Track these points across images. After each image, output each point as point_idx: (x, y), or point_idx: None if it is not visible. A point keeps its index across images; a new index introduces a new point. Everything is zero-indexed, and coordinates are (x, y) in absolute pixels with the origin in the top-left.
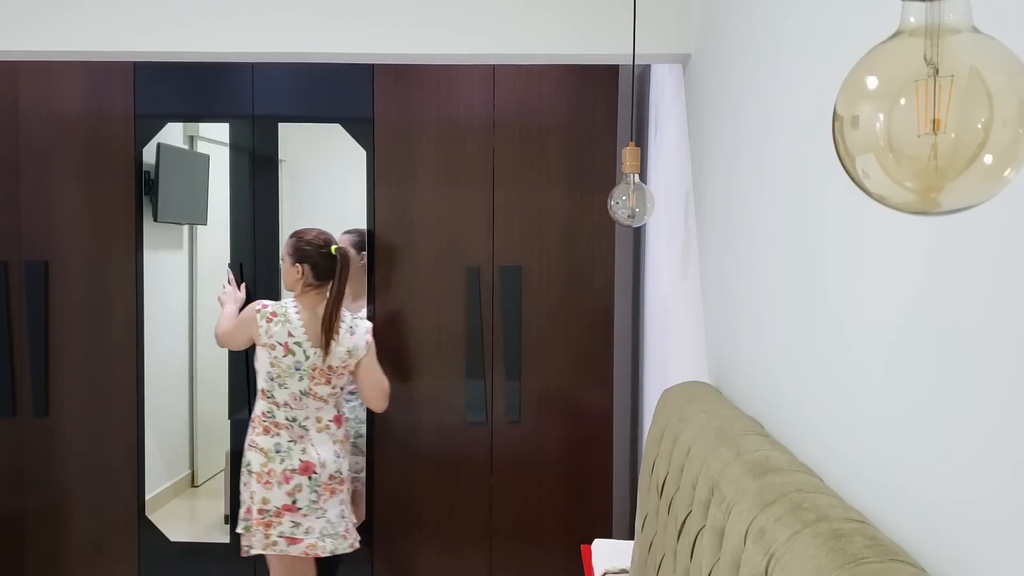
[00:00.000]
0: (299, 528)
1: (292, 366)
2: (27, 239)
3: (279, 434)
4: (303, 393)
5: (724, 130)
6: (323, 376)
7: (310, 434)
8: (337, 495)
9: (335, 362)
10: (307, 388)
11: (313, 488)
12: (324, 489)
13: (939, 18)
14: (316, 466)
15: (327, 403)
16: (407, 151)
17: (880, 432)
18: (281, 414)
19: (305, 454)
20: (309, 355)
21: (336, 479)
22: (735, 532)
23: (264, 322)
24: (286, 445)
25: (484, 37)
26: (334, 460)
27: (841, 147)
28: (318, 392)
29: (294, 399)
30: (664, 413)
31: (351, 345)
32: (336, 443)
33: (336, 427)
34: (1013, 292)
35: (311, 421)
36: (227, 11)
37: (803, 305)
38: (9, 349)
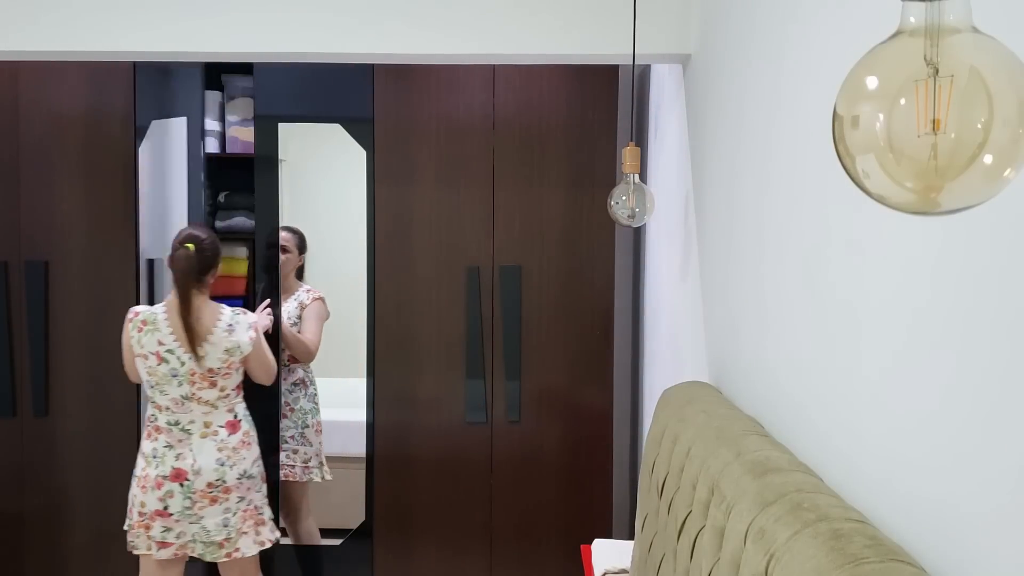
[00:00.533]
0: (170, 533)
1: (168, 373)
2: (27, 239)
3: (158, 439)
4: (185, 397)
5: (724, 130)
6: (205, 380)
7: (191, 439)
8: (220, 504)
9: (213, 364)
10: (189, 393)
11: (186, 495)
12: (200, 497)
13: (939, 18)
14: (189, 473)
15: (216, 407)
16: (407, 151)
17: (880, 432)
18: (163, 418)
19: (179, 460)
20: (184, 361)
21: (217, 487)
22: (735, 532)
23: (136, 332)
24: (162, 450)
25: (484, 37)
26: (215, 468)
27: (841, 147)
28: (203, 396)
29: (176, 404)
30: (664, 413)
31: (230, 344)
32: (223, 450)
33: (228, 433)
34: (1013, 293)
35: (196, 426)
36: (227, 11)
37: (803, 305)
38: (9, 349)
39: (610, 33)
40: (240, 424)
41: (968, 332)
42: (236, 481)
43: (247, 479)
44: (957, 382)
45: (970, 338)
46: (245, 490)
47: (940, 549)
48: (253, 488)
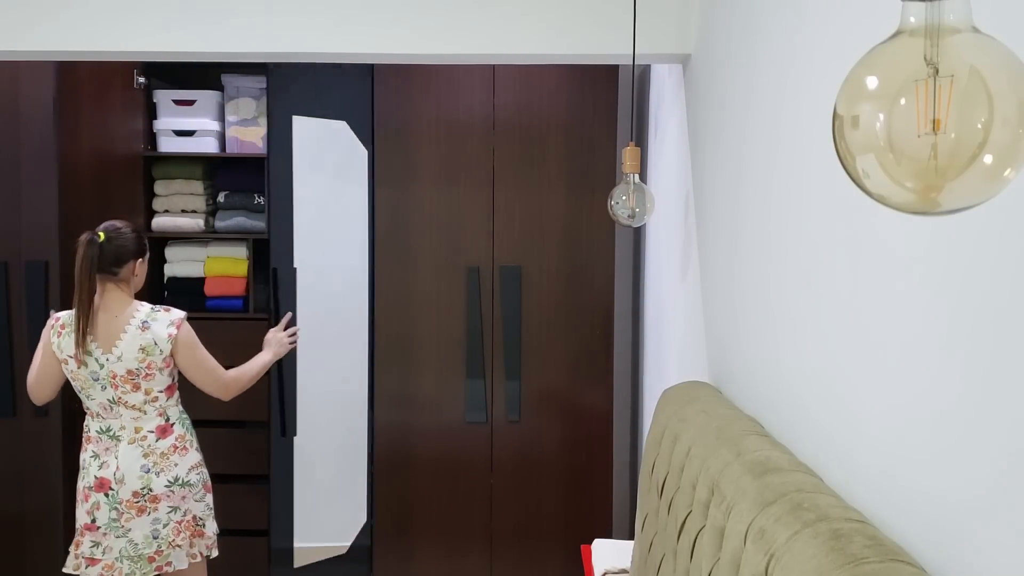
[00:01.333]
0: (98, 548)
1: (89, 376)
2: (27, 239)
3: (87, 448)
4: (112, 402)
5: (724, 130)
6: (127, 382)
7: (119, 447)
8: (147, 514)
9: (131, 364)
10: (114, 396)
11: (112, 506)
12: (127, 507)
13: (939, 18)
14: (112, 482)
15: (144, 412)
16: (407, 151)
17: (880, 431)
18: (95, 426)
19: (102, 469)
20: (103, 363)
21: (144, 496)
22: (735, 532)
23: (55, 337)
24: (89, 460)
25: (484, 37)
26: (140, 476)
27: (841, 147)
28: (129, 400)
29: (104, 409)
30: (664, 413)
31: (145, 341)
32: (150, 456)
33: (157, 438)
34: (1015, 292)
35: (126, 432)
36: (228, 12)
37: (804, 305)
38: (9, 349)
39: (610, 33)
40: (172, 428)
41: (968, 332)
42: (165, 489)
43: (180, 487)
44: (957, 382)
45: (970, 338)
46: (179, 499)
47: (940, 549)
48: (191, 496)
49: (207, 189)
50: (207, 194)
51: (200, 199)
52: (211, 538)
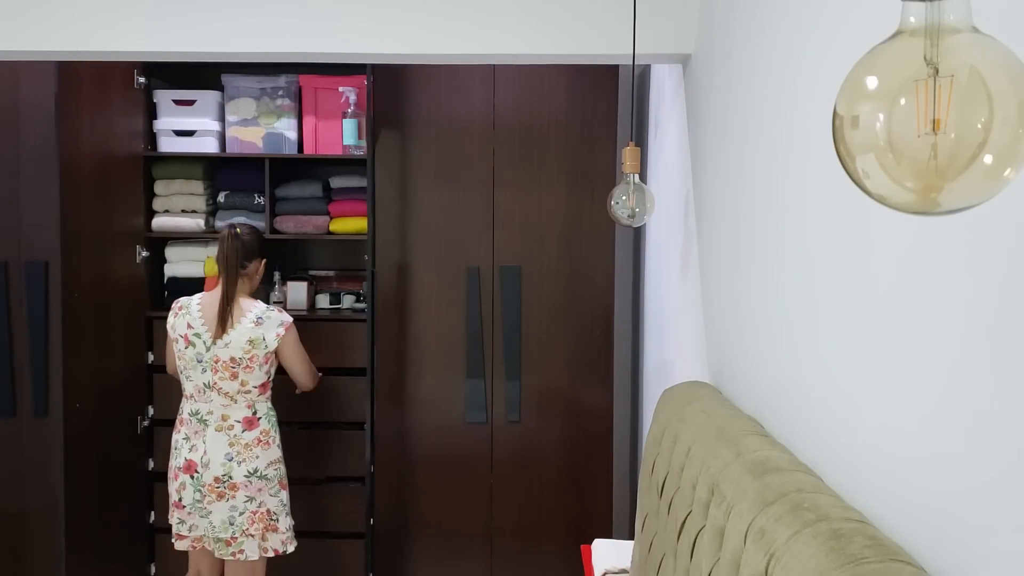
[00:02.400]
0: (183, 525)
1: (194, 358)
2: (27, 239)
3: (180, 430)
4: (207, 386)
5: (725, 130)
6: (227, 369)
7: (207, 431)
8: (226, 500)
9: (236, 353)
10: (211, 381)
11: (196, 487)
12: (208, 491)
13: (939, 18)
14: (198, 465)
15: (235, 401)
16: (407, 151)
17: (881, 431)
18: (188, 408)
19: (192, 452)
20: (209, 346)
21: (224, 483)
22: (735, 532)
23: (172, 317)
24: (180, 441)
25: (484, 37)
26: (223, 463)
27: (841, 147)
28: (224, 387)
29: (199, 392)
30: (664, 413)
31: (255, 335)
32: (234, 445)
33: (243, 429)
34: (1013, 291)
35: (214, 417)
36: (227, 11)
37: (804, 305)
38: (9, 349)
39: (610, 33)
40: (258, 422)
41: (970, 332)
42: (244, 479)
43: (258, 479)
44: (957, 382)
45: (971, 338)
46: (255, 490)
47: (940, 549)
48: (266, 490)
49: (207, 189)
50: (207, 194)
51: (200, 199)
52: (285, 533)
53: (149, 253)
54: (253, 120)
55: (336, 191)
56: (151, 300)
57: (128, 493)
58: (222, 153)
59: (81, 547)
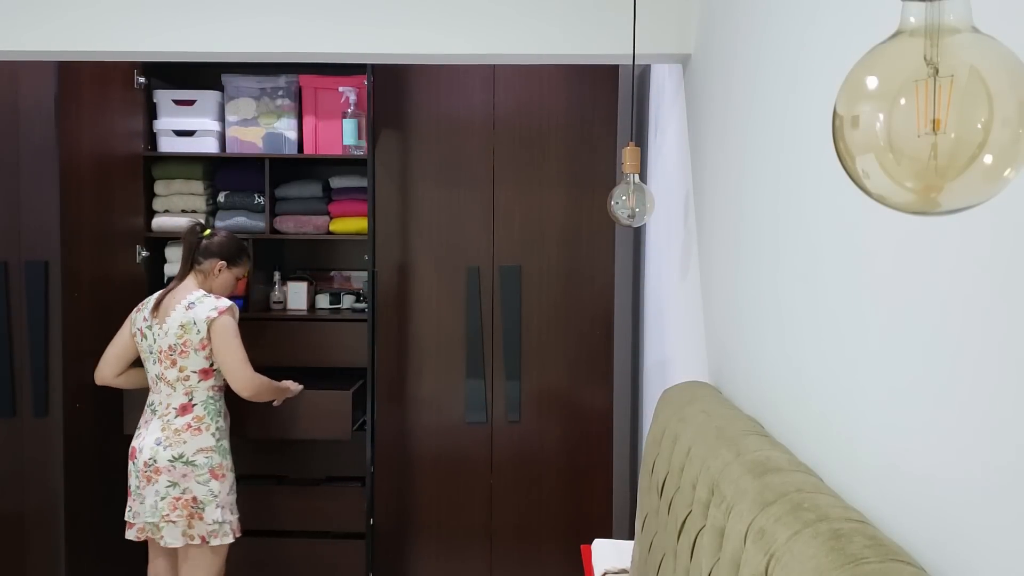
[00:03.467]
0: (130, 512)
1: (146, 349)
2: (27, 239)
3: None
4: (157, 377)
5: (725, 130)
6: (167, 358)
7: (153, 419)
8: (152, 484)
9: (171, 340)
10: (159, 372)
11: (135, 472)
12: (141, 476)
13: (939, 18)
14: (137, 451)
15: (175, 389)
16: (407, 151)
17: (881, 432)
18: (148, 399)
19: (136, 439)
20: (156, 337)
21: (150, 467)
22: (735, 532)
23: (135, 313)
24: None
25: (484, 37)
26: (152, 447)
27: (841, 147)
28: (167, 376)
29: (153, 383)
30: (664, 413)
31: (185, 319)
32: (165, 430)
33: (176, 415)
34: (1011, 291)
35: (160, 407)
36: (227, 11)
37: (805, 305)
38: (9, 349)
39: (610, 33)
40: (192, 408)
41: (970, 332)
42: (167, 464)
43: (183, 464)
44: (959, 382)
45: (972, 338)
46: (179, 476)
47: (941, 549)
48: (192, 477)
49: (207, 189)
50: (207, 194)
51: (200, 199)
52: (212, 525)
53: (149, 253)
54: (253, 120)
55: (336, 191)
56: None
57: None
58: (222, 153)
59: (81, 547)
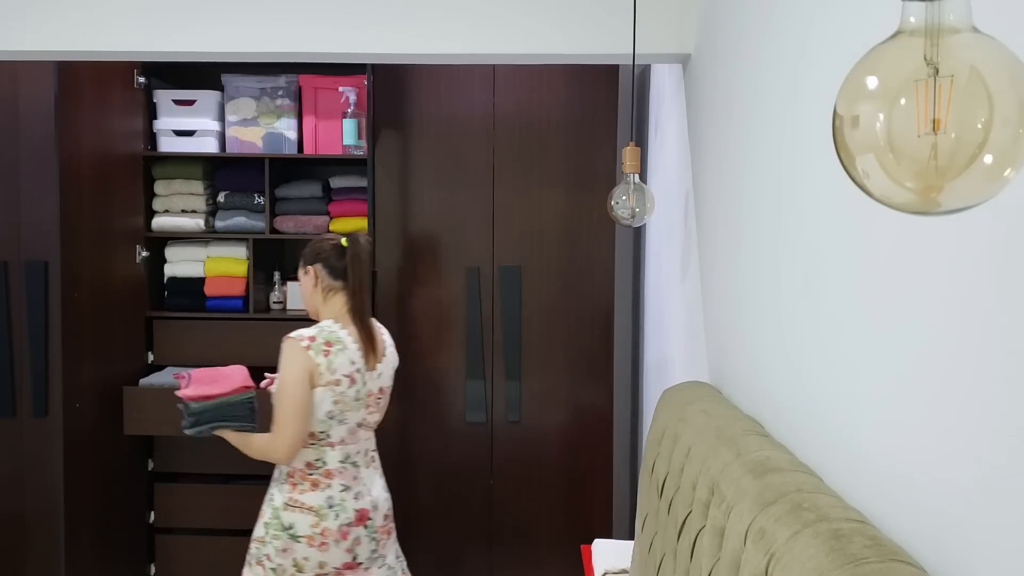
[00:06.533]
0: None
1: (354, 397)
2: (27, 239)
3: (331, 484)
4: (359, 424)
5: (725, 130)
6: (376, 402)
7: (360, 472)
8: (391, 534)
9: (386, 382)
10: (362, 419)
11: (371, 536)
12: (381, 533)
13: (939, 18)
14: (370, 511)
15: (373, 433)
16: (407, 151)
17: (881, 432)
18: (335, 457)
19: (358, 500)
20: (367, 380)
21: (390, 517)
22: (735, 532)
23: (322, 357)
24: (339, 496)
25: (484, 37)
26: (386, 497)
27: (841, 147)
28: (370, 420)
29: (351, 434)
30: (664, 413)
31: (395, 358)
32: (383, 477)
33: (376, 456)
34: (1009, 290)
35: (361, 456)
36: (227, 11)
37: (805, 305)
38: (9, 349)
39: (610, 33)
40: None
41: (971, 332)
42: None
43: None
44: (959, 382)
45: (969, 336)
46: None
47: (941, 549)
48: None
49: (207, 189)
50: (207, 194)
51: (200, 199)
52: None
53: (149, 253)
54: (253, 120)
55: (336, 191)
56: (151, 300)
57: (128, 493)
58: (222, 153)
59: (81, 547)
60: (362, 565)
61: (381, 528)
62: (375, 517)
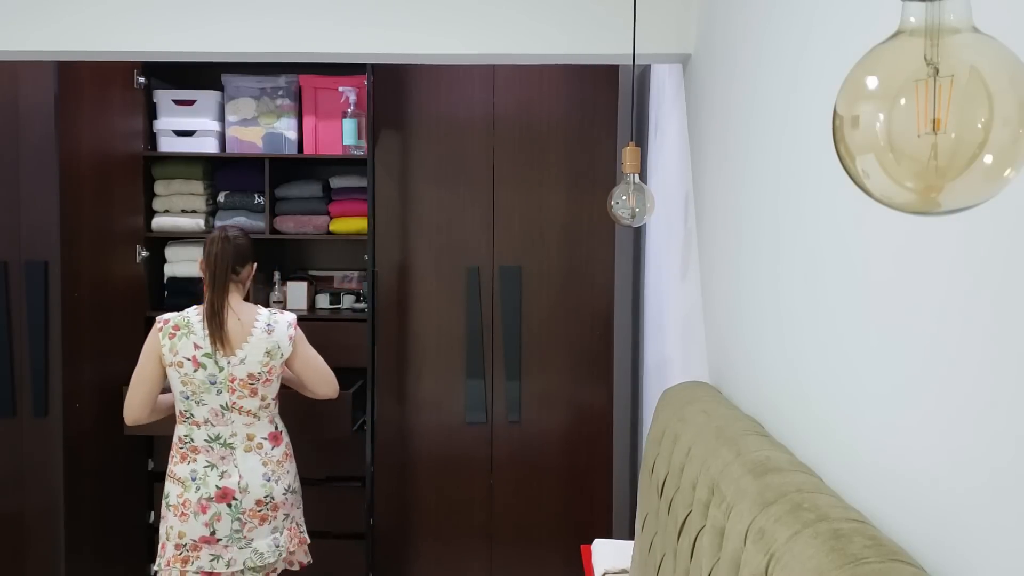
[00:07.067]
0: (219, 561)
1: (206, 380)
2: (27, 239)
3: (196, 459)
4: (225, 408)
5: (725, 130)
6: (245, 387)
7: (235, 455)
8: (268, 523)
9: (254, 368)
10: (229, 402)
11: (235, 516)
12: (250, 516)
13: (939, 18)
14: (236, 492)
15: (258, 418)
16: (407, 151)
17: (881, 432)
18: (201, 435)
19: (223, 478)
20: (223, 366)
21: (267, 505)
22: (735, 532)
23: (167, 339)
24: (203, 471)
25: (484, 37)
26: (262, 484)
27: (841, 147)
28: (244, 406)
29: (215, 415)
30: (664, 413)
31: (270, 345)
32: (268, 464)
33: (272, 446)
34: (1011, 291)
35: (239, 439)
36: (227, 11)
37: (805, 305)
38: (9, 349)
39: (610, 33)
40: (282, 436)
41: (970, 332)
42: (282, 497)
43: (291, 494)
44: (959, 381)
45: (972, 338)
46: (290, 506)
47: (941, 549)
48: (295, 504)
49: (207, 189)
50: (207, 194)
51: (200, 199)
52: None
53: (149, 253)
54: (253, 120)
55: (336, 191)
56: (151, 300)
57: (128, 493)
58: (222, 153)
59: (81, 547)
60: (221, 542)
61: (250, 511)
62: (242, 499)
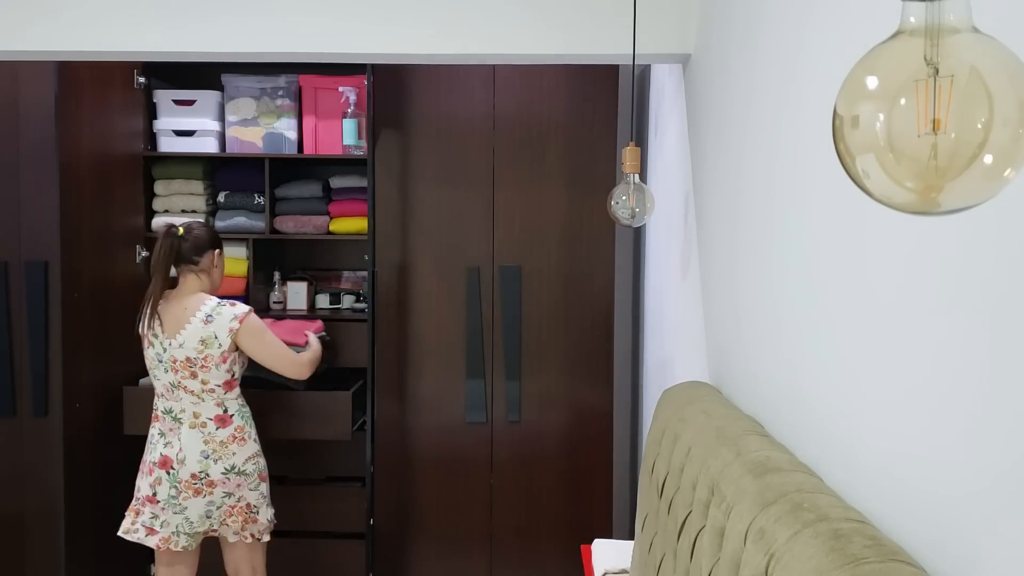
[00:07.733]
0: (156, 520)
1: (155, 358)
2: (27, 239)
3: (155, 425)
4: (173, 385)
5: (725, 130)
6: (185, 369)
7: (181, 429)
8: (203, 496)
9: (190, 352)
10: (175, 380)
11: (172, 483)
12: (185, 487)
13: (939, 18)
14: (174, 462)
15: (202, 400)
16: (407, 151)
17: (881, 432)
18: (161, 405)
19: (167, 448)
20: (166, 347)
21: (201, 480)
22: (735, 532)
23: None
24: (156, 437)
25: (484, 37)
26: (198, 460)
27: (841, 147)
28: (188, 386)
29: (167, 391)
30: (664, 413)
31: (205, 334)
32: (209, 443)
33: (216, 427)
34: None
35: (186, 415)
36: (227, 11)
37: (804, 305)
38: (9, 349)
39: (610, 33)
40: (231, 419)
41: (970, 331)
42: (222, 476)
43: (236, 475)
44: (959, 381)
45: (972, 337)
46: (234, 486)
47: (941, 549)
48: (246, 486)
49: (207, 189)
50: (207, 194)
51: (200, 199)
52: (264, 524)
53: (149, 253)
54: (253, 120)
55: (336, 191)
56: None
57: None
58: (222, 153)
59: (81, 547)
60: (159, 504)
61: (185, 483)
62: (179, 470)
